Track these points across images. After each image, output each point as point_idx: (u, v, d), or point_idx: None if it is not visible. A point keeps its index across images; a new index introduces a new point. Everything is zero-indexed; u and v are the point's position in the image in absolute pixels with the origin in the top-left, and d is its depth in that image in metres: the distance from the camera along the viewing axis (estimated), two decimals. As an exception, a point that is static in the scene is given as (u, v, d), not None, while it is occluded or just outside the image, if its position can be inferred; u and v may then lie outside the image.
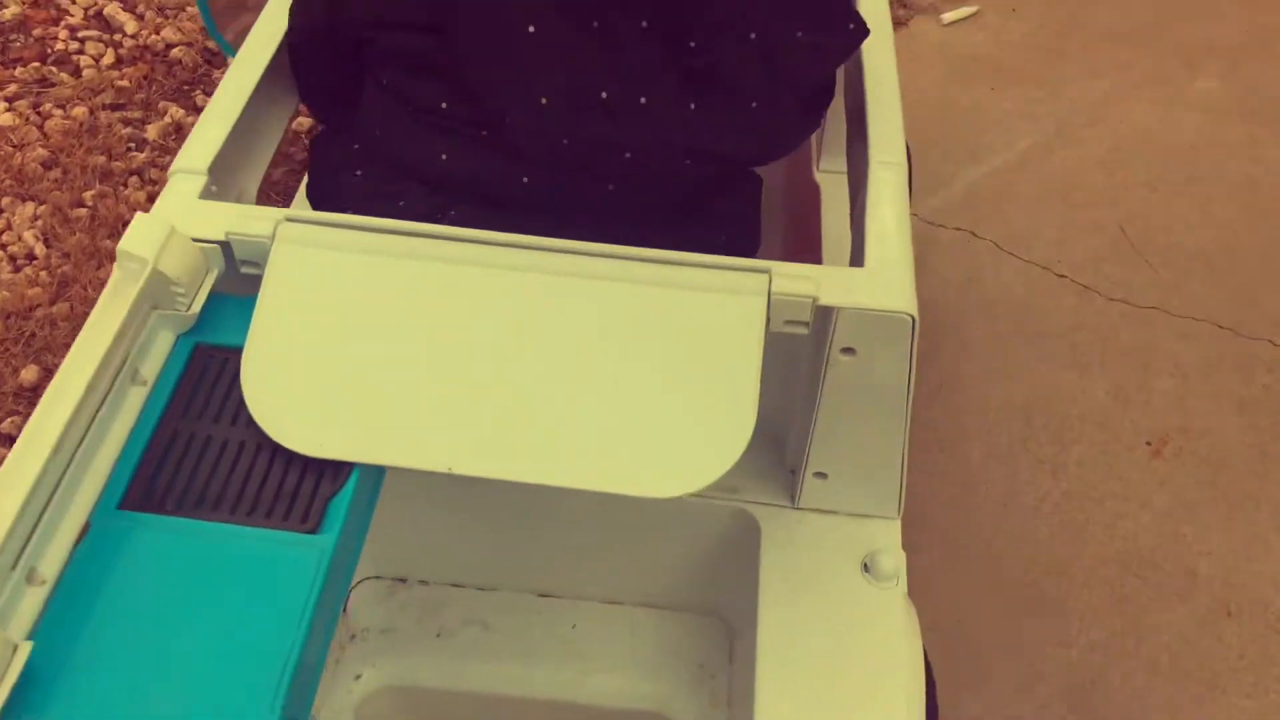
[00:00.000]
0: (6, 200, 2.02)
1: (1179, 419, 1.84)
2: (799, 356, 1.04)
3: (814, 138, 1.56)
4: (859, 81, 1.17)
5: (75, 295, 1.88)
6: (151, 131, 2.17)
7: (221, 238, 0.96)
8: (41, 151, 2.09)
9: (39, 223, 2.00)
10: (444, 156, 1.03)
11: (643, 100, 0.96)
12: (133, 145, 2.15)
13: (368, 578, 1.30)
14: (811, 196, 1.54)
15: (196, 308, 0.94)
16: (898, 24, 2.50)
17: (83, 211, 2.02)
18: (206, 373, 0.93)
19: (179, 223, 0.95)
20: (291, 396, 0.89)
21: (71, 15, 2.38)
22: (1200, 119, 2.32)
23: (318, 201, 1.15)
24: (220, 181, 1.05)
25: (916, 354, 0.96)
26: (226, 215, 0.98)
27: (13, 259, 1.95)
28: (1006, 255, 2.07)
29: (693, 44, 0.96)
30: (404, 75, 1.04)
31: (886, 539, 1.04)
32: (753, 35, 0.97)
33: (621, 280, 0.93)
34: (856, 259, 1.02)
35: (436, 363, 0.91)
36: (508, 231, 0.98)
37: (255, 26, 1.19)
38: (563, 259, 0.94)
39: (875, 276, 0.97)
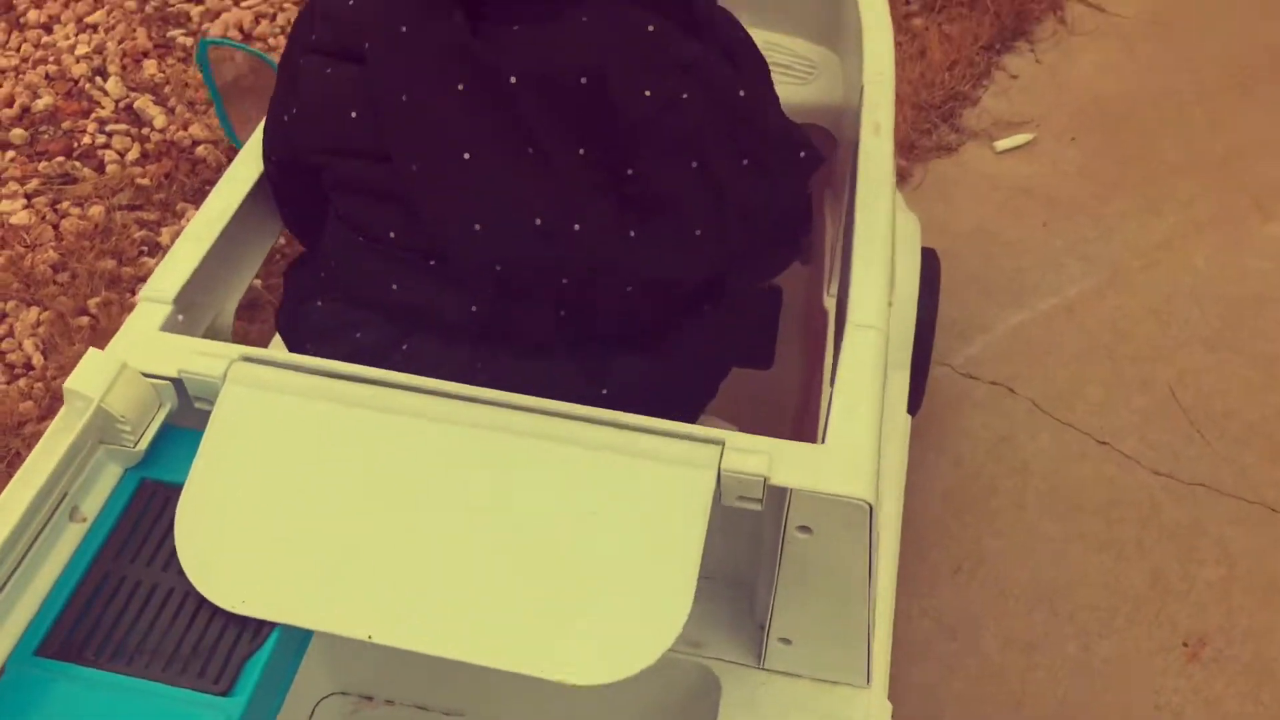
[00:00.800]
0: (12, 304, 1.99)
1: (1221, 617, 1.68)
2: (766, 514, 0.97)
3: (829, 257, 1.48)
4: (850, 226, 1.10)
5: (65, 412, 1.83)
6: (165, 236, 2.13)
7: (174, 375, 0.95)
8: (52, 254, 2.07)
9: (40, 329, 1.96)
10: (394, 286, 1.02)
11: (576, 227, 0.93)
12: (144, 249, 2.11)
13: (333, 693, 1.27)
14: (822, 322, 1.47)
15: (144, 445, 0.93)
16: (948, 149, 2.38)
17: (85, 321, 1.98)
18: (148, 511, 0.92)
19: (133, 357, 0.95)
20: (222, 547, 0.88)
21: (103, 108, 2.36)
22: (1269, 268, 2.17)
23: (285, 331, 1.14)
24: (190, 308, 1.05)
25: (875, 537, 0.91)
26: (181, 351, 0.97)
27: (10, 368, 1.91)
28: (1044, 416, 1.93)
29: (631, 171, 0.93)
30: (356, 203, 1.03)
31: (856, 709, 0.97)
32: (694, 164, 0.93)
33: (566, 443, 0.90)
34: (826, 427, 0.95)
35: (370, 522, 0.88)
36: (465, 364, 0.99)
37: (244, 147, 1.18)
38: (506, 415, 0.91)
39: (834, 456, 0.91)
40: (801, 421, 1.65)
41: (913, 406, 1.76)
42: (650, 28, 0.93)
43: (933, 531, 1.79)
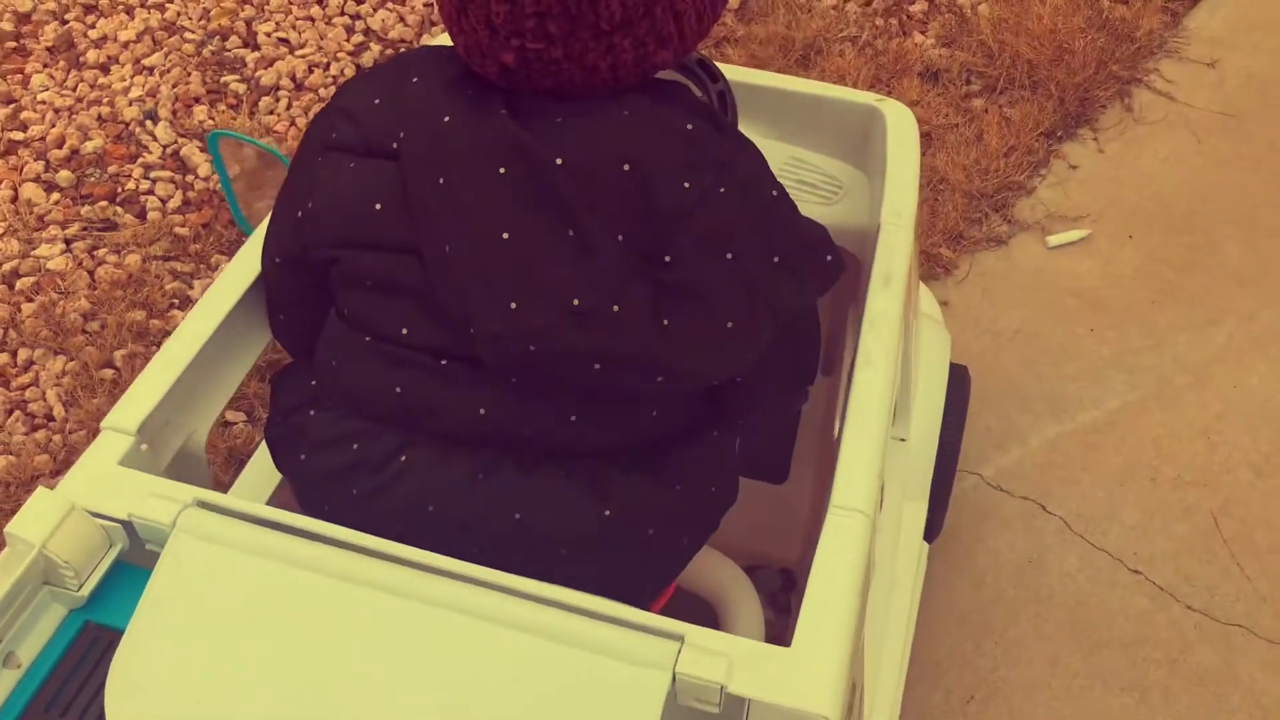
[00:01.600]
0: (40, 353, 2.01)
1: (1249, 777, 1.59)
2: None
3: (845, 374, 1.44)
4: (849, 390, 1.06)
5: (79, 469, 1.84)
6: (197, 289, 2.13)
7: (124, 517, 0.92)
8: (84, 302, 2.08)
9: (64, 380, 1.97)
10: (399, 389, 1.00)
11: (615, 309, 0.92)
12: (175, 302, 2.12)
13: None
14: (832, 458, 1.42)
15: (87, 590, 0.91)
16: (997, 242, 2.31)
17: (109, 373, 1.98)
18: (87, 658, 0.89)
19: (84, 496, 0.93)
20: (151, 708, 0.83)
21: (150, 152, 2.38)
22: (1329, 390, 2.06)
23: (273, 443, 1.11)
24: (156, 436, 1.03)
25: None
26: (134, 492, 0.94)
27: (30, 418, 1.92)
28: (1075, 537, 1.85)
29: (668, 258, 0.93)
30: (366, 299, 1.02)
31: None
32: (729, 255, 0.94)
33: (519, 630, 0.86)
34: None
35: (298, 699, 0.84)
36: (466, 475, 0.99)
37: (232, 261, 1.16)
38: (458, 591, 0.87)
39: (799, 661, 0.85)
40: (811, 538, 1.60)
41: (931, 533, 1.70)
42: (689, 126, 0.95)
43: (948, 657, 1.72)
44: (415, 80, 1.00)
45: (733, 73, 1.41)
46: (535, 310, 0.93)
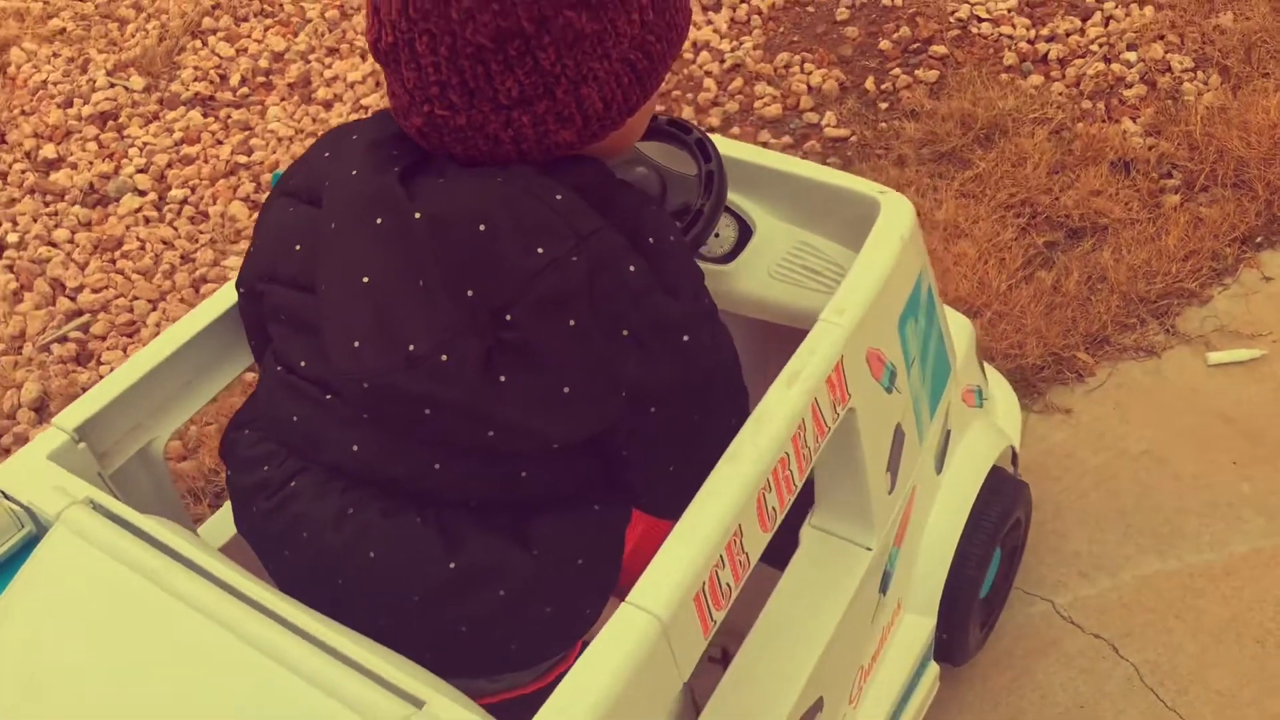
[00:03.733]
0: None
1: None
2: None
3: None
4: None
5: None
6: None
7: (25, 503, 1.04)
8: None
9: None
10: (295, 419, 1.09)
11: (444, 358, 0.95)
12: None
13: None
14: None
15: None
16: (1148, 352, 2.10)
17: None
18: None
19: (3, 479, 1.06)
20: None
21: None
22: None
23: (222, 453, 1.22)
24: (103, 438, 1.15)
25: None
26: (41, 483, 1.05)
27: None
28: (1145, 691, 1.65)
29: (509, 317, 0.95)
30: (280, 332, 1.12)
31: None
32: (571, 322, 0.95)
33: (286, 667, 0.90)
34: None
35: (85, 702, 0.90)
36: (338, 509, 1.05)
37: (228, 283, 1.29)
38: (260, 626, 0.92)
39: None
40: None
41: (953, 655, 1.58)
42: (559, 196, 0.97)
43: (959, 793, 1.59)
44: (354, 136, 1.09)
45: (744, 152, 1.40)
46: (374, 351, 0.98)
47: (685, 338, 1.00)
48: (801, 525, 1.33)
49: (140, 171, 2.65)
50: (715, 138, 1.40)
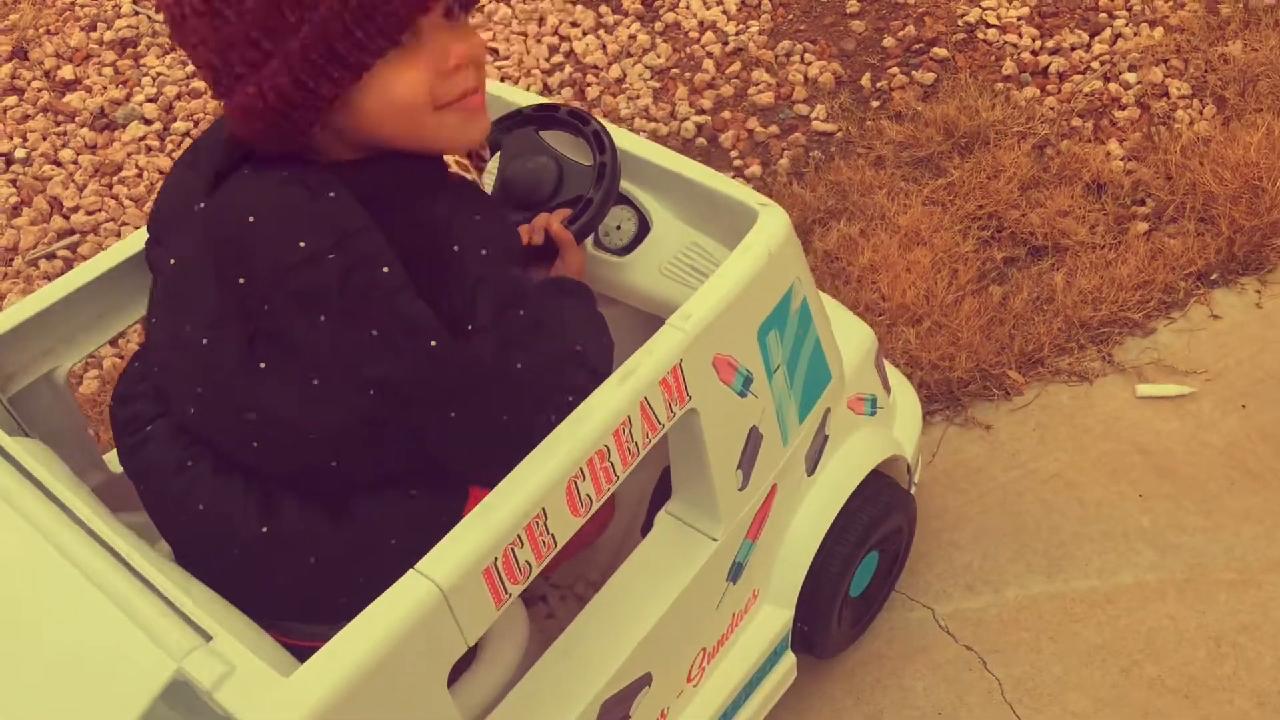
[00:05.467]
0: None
1: None
2: None
3: None
4: None
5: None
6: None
7: None
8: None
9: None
10: (156, 368, 1.18)
11: (204, 341, 1.04)
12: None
13: None
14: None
15: None
16: (1080, 377, 2.13)
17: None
18: None
19: None
20: None
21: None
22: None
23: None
24: (6, 359, 1.27)
25: None
26: None
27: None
28: (1003, 706, 1.71)
29: (267, 306, 1.00)
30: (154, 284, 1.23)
31: None
32: (322, 317, 0.99)
33: (95, 584, 0.99)
34: None
35: None
36: (178, 462, 1.13)
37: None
38: (82, 546, 1.02)
39: (288, 693, 0.93)
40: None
41: (815, 649, 1.65)
42: (332, 194, 1.01)
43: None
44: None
45: (643, 149, 1.46)
46: (161, 330, 1.08)
47: (433, 343, 1.01)
48: None
49: (150, 101, 2.76)
50: (619, 132, 1.47)
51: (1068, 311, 2.19)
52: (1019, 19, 2.90)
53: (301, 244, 0.99)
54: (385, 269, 1.00)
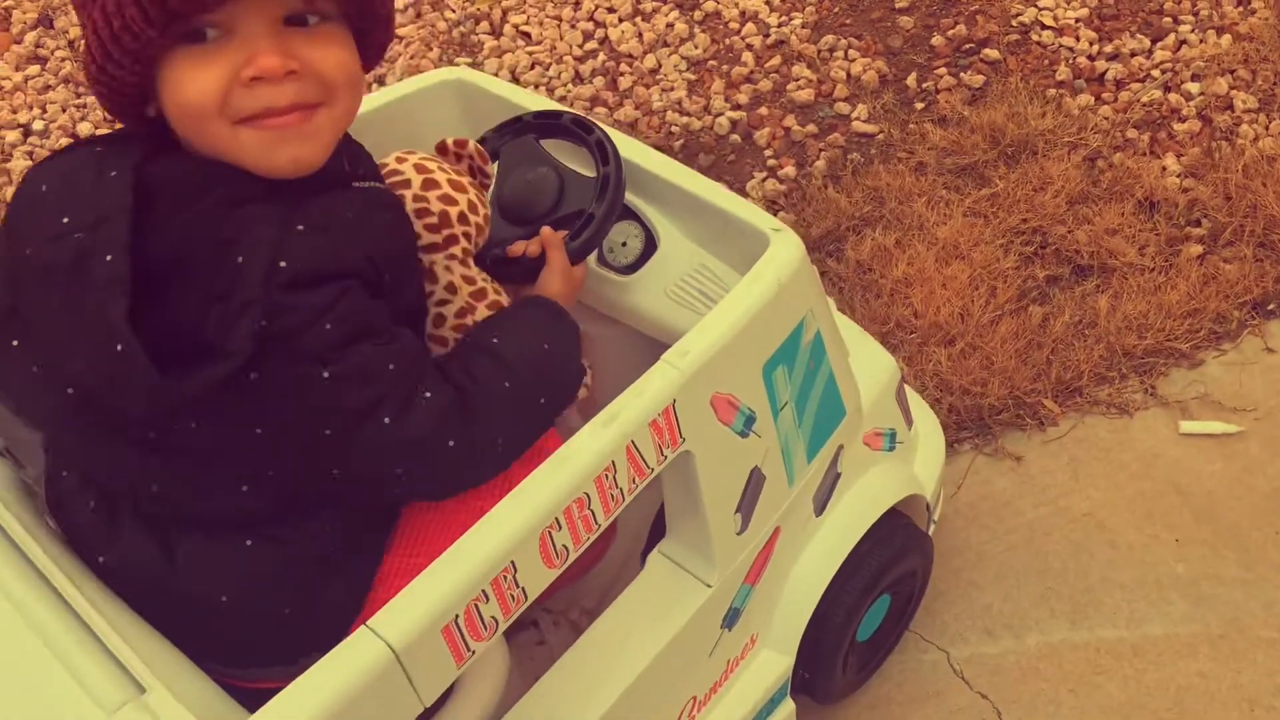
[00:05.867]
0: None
1: None
2: None
3: None
4: None
5: None
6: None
7: None
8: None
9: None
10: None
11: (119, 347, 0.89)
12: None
13: None
14: None
15: None
16: (1120, 410, 2.01)
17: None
18: None
19: None
20: None
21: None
22: None
23: None
24: None
25: None
26: None
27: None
28: (1018, 761, 1.61)
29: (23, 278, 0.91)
30: None
31: None
32: (54, 299, 0.88)
33: (34, 630, 0.94)
34: None
35: None
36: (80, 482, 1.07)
37: None
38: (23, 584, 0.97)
39: None
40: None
41: (818, 695, 1.56)
42: (113, 173, 0.92)
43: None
44: None
45: (651, 162, 1.37)
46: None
47: (119, 347, 0.86)
48: None
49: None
50: (627, 141, 1.37)
51: (1111, 338, 2.07)
52: (1077, 20, 2.75)
53: (65, 219, 0.89)
54: (109, 258, 0.87)
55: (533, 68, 2.76)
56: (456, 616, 0.98)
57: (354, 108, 1.01)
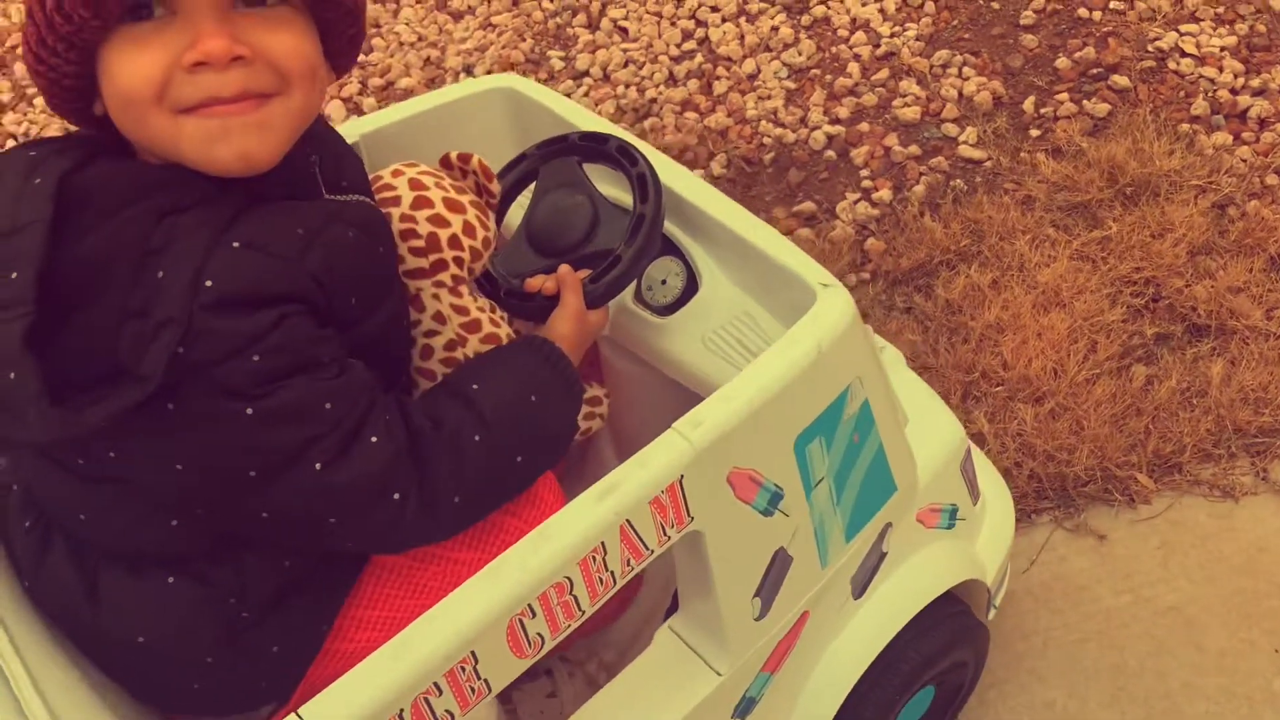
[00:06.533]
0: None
1: None
2: None
3: None
4: None
5: None
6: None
7: None
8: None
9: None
10: None
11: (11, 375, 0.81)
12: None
13: None
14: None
15: None
16: (1225, 492, 1.80)
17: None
18: None
19: None
20: None
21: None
22: None
23: None
24: None
25: None
26: None
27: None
28: None
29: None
30: None
31: None
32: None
33: None
34: None
35: None
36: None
37: None
38: None
39: None
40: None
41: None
42: (38, 180, 0.84)
43: None
44: None
45: (696, 194, 1.25)
46: None
47: (12, 374, 0.77)
48: None
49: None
50: (674, 170, 1.24)
51: (1222, 410, 1.86)
52: (1222, 49, 2.51)
53: None
54: (14, 275, 0.78)
55: (625, 65, 2.63)
56: (401, 711, 0.87)
57: (313, 102, 0.91)
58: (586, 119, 1.33)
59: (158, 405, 0.80)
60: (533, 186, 1.27)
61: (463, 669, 0.89)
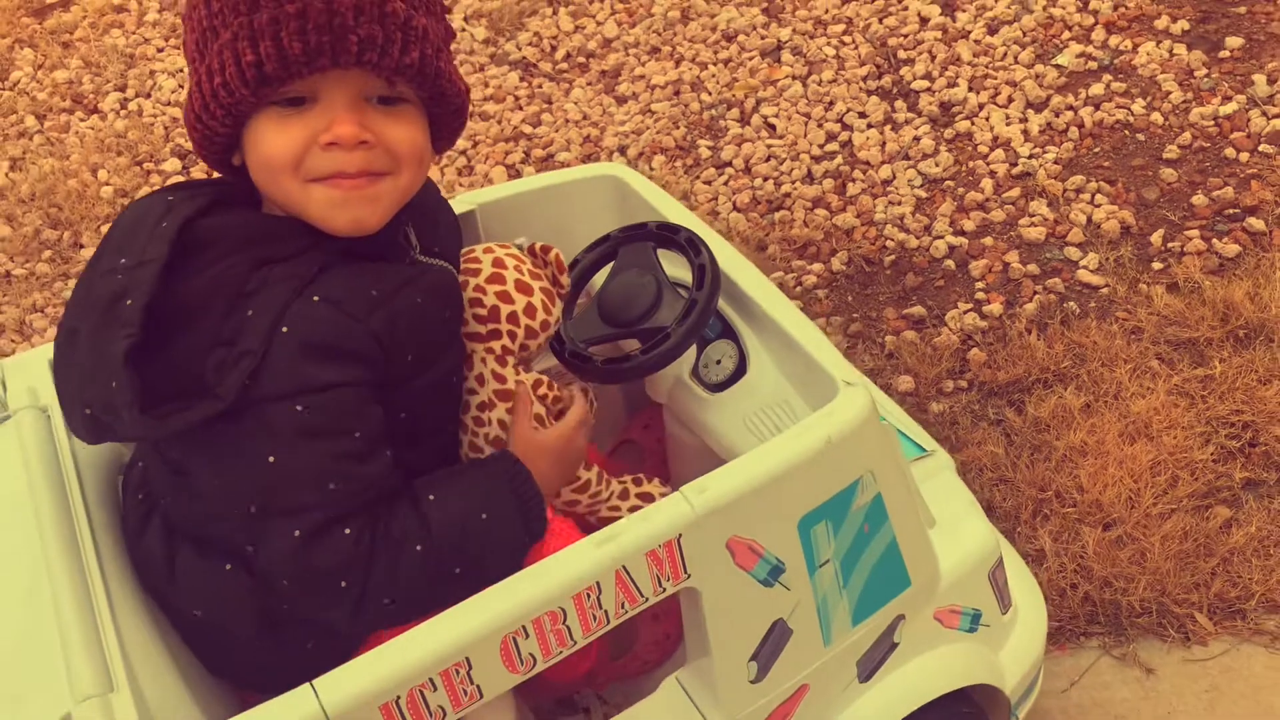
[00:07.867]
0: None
1: None
2: None
3: None
4: None
5: None
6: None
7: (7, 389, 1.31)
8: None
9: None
10: None
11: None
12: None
13: None
14: None
15: None
16: (1274, 638, 1.78)
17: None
18: None
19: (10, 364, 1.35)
20: None
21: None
22: None
23: None
24: None
25: None
26: (27, 373, 1.30)
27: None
28: None
29: None
30: None
31: None
32: (82, 329, 1.01)
33: (54, 604, 1.05)
34: None
35: None
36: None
37: None
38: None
39: None
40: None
41: None
42: (164, 224, 1.03)
43: None
44: None
45: (753, 286, 1.38)
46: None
47: (113, 383, 0.95)
48: None
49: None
50: (734, 260, 1.38)
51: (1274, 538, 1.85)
52: (1369, 203, 2.48)
53: (122, 259, 0.99)
54: (129, 301, 0.96)
55: (768, 159, 2.78)
56: (398, 697, 1.01)
57: (417, 181, 1.10)
58: (674, 210, 1.48)
59: (221, 423, 0.98)
60: (613, 265, 1.43)
61: (456, 671, 1.03)
